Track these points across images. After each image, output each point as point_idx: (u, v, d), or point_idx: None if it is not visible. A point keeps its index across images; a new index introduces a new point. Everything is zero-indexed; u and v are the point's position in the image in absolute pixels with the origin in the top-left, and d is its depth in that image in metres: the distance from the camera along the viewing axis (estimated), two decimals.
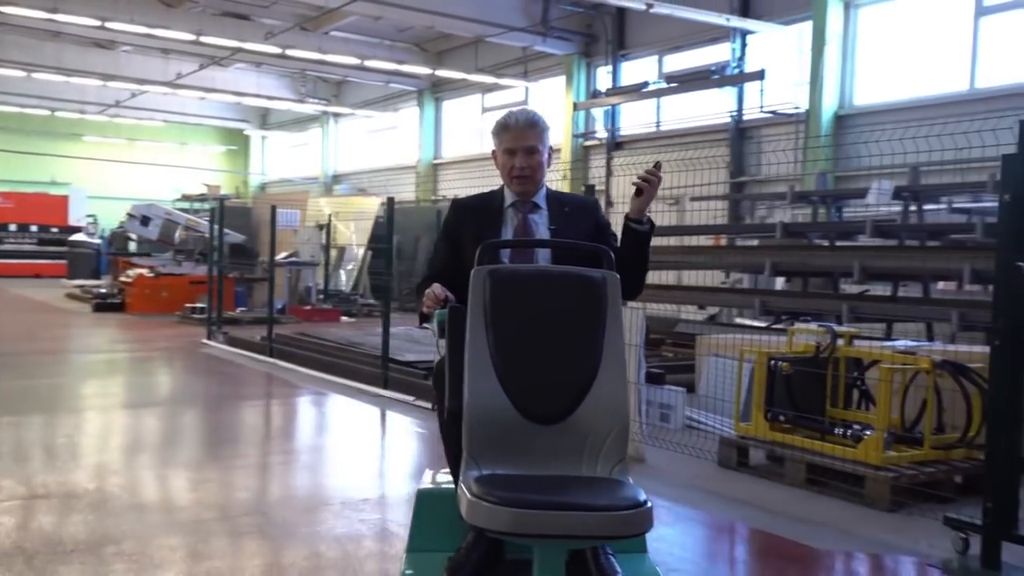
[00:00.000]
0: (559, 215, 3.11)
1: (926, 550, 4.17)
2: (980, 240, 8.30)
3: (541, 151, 3.09)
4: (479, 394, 2.60)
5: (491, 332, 2.66)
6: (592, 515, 2.27)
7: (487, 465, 2.55)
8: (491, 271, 2.75)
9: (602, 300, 2.71)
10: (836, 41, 14.65)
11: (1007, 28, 12.78)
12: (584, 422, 2.60)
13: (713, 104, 16.64)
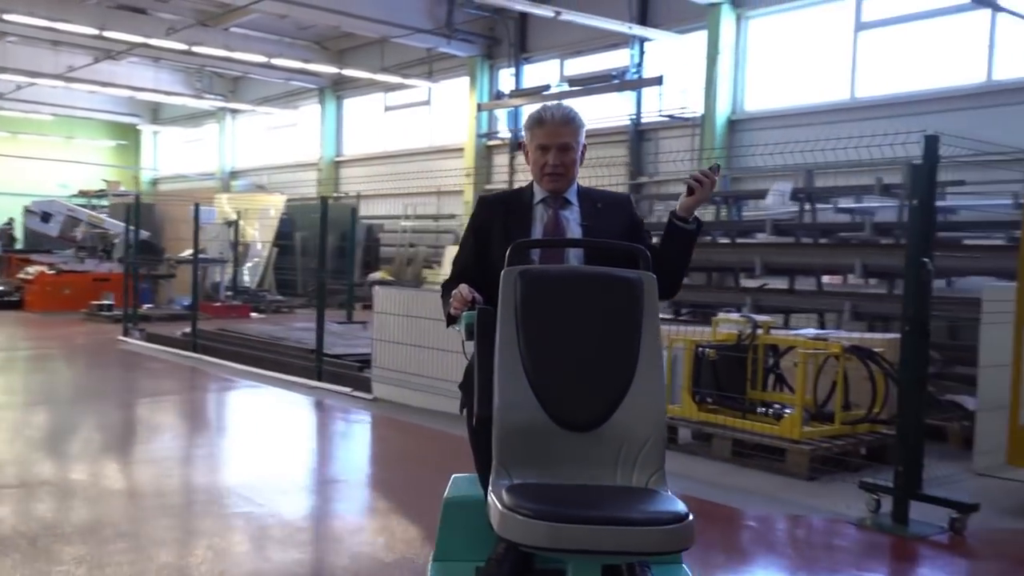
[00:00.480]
0: (591, 211, 2.98)
1: (844, 511, 4.76)
2: (869, 237, 9.10)
3: (575, 148, 2.95)
4: (510, 400, 2.51)
5: (522, 335, 2.56)
6: (632, 530, 2.18)
7: (518, 474, 2.46)
8: (522, 271, 2.64)
9: (639, 302, 2.61)
10: (729, 50, 15.52)
11: (883, 42, 13.85)
12: (619, 429, 2.51)
13: (613, 107, 17.33)
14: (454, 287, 2.85)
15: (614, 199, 3.12)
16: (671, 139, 16.45)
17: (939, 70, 13.04)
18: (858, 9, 14.11)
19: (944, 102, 12.77)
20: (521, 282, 2.61)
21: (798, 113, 14.57)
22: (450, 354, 7.03)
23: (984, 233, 9.58)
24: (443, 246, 20.19)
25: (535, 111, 3.01)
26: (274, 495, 4.91)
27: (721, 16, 15.40)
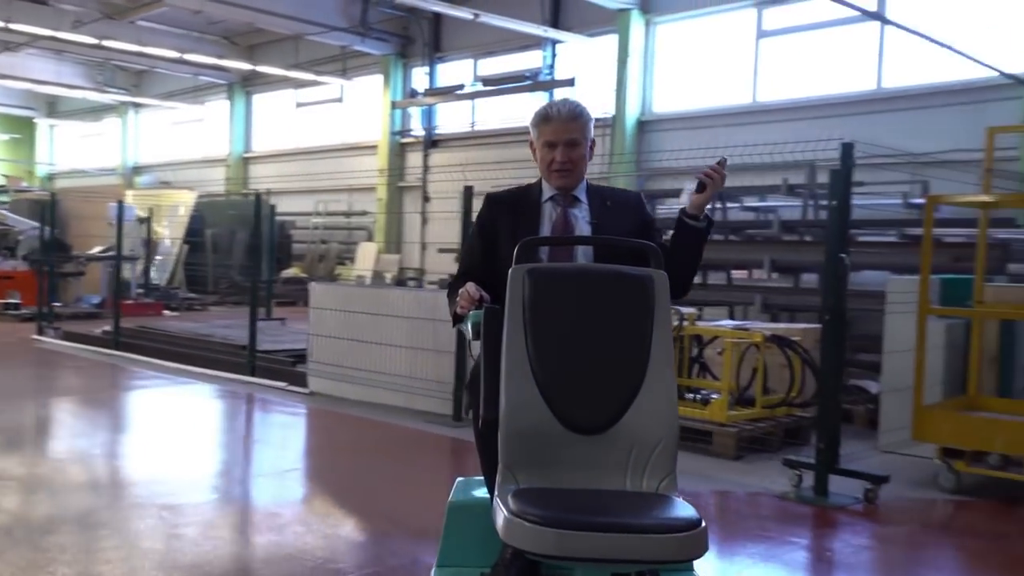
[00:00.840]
0: (601, 209, 2.93)
1: (769, 486, 5.20)
2: (775, 234, 9.69)
3: (583, 143, 2.91)
4: (517, 402, 2.44)
5: (530, 335, 2.50)
6: (644, 538, 2.11)
7: (525, 478, 2.42)
8: (530, 270, 2.58)
9: (650, 300, 2.54)
10: (638, 54, 16.07)
11: (783, 50, 14.61)
12: (630, 432, 2.46)
13: (526, 106, 17.72)
14: (460, 286, 2.78)
15: (624, 197, 3.06)
16: None
17: (834, 77, 13.85)
18: (759, 18, 14.84)
19: (838, 107, 13.56)
20: (529, 281, 2.55)
21: (704, 116, 15.23)
22: (388, 347, 7.28)
23: (878, 231, 10.28)
24: (355, 243, 20.25)
25: (541, 107, 2.94)
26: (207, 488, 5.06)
27: (631, 21, 15.93)
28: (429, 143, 19.52)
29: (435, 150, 19.45)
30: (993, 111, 11.71)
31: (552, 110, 2.90)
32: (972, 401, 5.63)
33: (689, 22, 15.79)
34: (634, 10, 15.92)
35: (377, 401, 7.31)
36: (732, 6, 15.01)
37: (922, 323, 5.30)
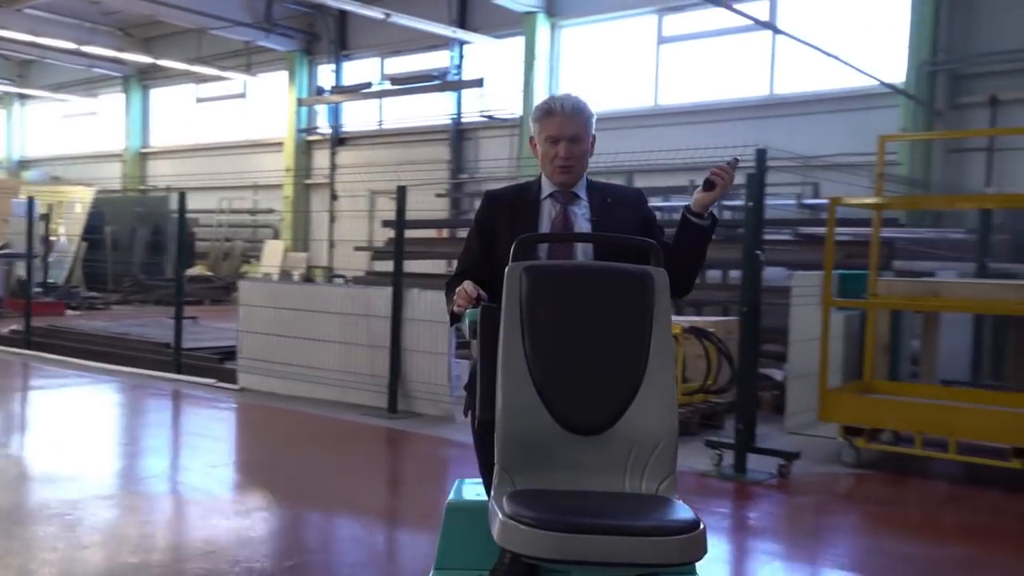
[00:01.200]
0: (601, 206, 2.90)
1: (692, 465, 5.63)
2: None
3: (585, 140, 2.89)
4: (514, 402, 2.41)
5: (527, 334, 2.46)
6: (641, 540, 2.08)
7: (521, 480, 2.38)
8: (527, 267, 2.54)
9: (650, 298, 2.51)
10: (544, 56, 16.53)
11: (683, 55, 15.29)
12: (629, 433, 2.42)
13: (433, 106, 17.95)
14: (458, 284, 2.75)
15: (624, 194, 3.04)
16: (491, 139, 17.31)
17: (731, 83, 14.59)
18: (660, 24, 15.48)
19: (735, 112, 14.29)
20: (526, 278, 2.51)
21: (608, 117, 15.64)
22: (321, 343, 7.46)
23: (773, 230, 10.94)
24: (261, 241, 20.10)
25: (544, 102, 2.93)
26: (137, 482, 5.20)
27: (537, 24, 16.37)
28: (336, 141, 19.54)
29: (342, 148, 19.50)
30: (875, 118, 12.60)
31: (556, 105, 2.87)
32: (868, 385, 6.22)
33: (593, 26, 16.33)
34: (540, 13, 16.35)
35: (310, 396, 7.48)
36: (634, 12, 15.60)
37: (826, 315, 5.86)
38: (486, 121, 17.20)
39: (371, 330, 7.25)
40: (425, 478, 5.63)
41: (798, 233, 10.52)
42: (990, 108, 12.15)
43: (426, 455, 6.17)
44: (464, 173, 17.69)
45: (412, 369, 7.05)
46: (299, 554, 4.00)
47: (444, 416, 6.81)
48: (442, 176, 17.54)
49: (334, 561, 3.97)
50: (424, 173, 16.61)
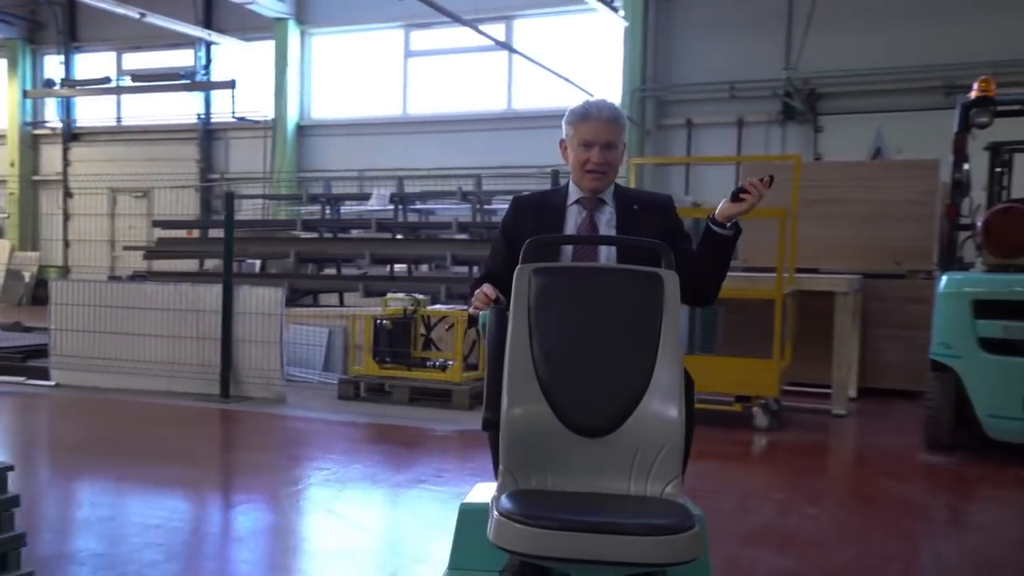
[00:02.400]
0: (626, 214, 2.92)
1: None
2: (454, 234, 11.58)
3: (619, 147, 2.89)
4: (519, 403, 2.42)
5: (535, 335, 2.48)
6: (629, 539, 2.09)
7: (525, 481, 2.39)
8: (536, 269, 2.57)
9: (659, 301, 2.52)
10: (296, 62, 17.19)
11: (429, 68, 16.62)
12: (635, 435, 2.42)
13: (180, 104, 17.93)
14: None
15: (652, 201, 3.03)
16: (243, 140, 17.66)
17: (473, 96, 16.14)
18: (407, 38, 16.72)
19: (477, 123, 15.86)
20: (535, 280, 2.54)
21: (360, 124, 16.80)
22: (145, 337, 7.98)
23: None
24: None
25: (580, 105, 2.91)
26: None
27: (288, 30, 16.99)
28: (69, 137, 18.82)
29: (76, 144, 18.83)
30: None
31: (592, 109, 2.86)
32: None
33: (343, 35, 17.22)
34: (290, 20, 16.98)
35: (136, 387, 7.93)
36: (382, 25, 16.68)
37: None
38: (237, 122, 17.51)
39: (200, 323, 7.88)
40: (263, 446, 6.42)
41: None
42: (687, 129, 14.66)
43: (262, 428, 6.93)
44: (215, 173, 17.87)
45: (244, 358, 7.79)
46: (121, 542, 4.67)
47: (276, 398, 7.65)
48: (191, 175, 17.60)
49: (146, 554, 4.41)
50: (171, 172, 16.66)
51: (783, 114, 13.86)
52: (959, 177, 6.72)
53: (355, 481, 5.29)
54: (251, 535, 4.34)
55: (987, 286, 5.98)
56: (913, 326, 7.97)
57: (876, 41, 12.86)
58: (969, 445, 6.00)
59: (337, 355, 8.99)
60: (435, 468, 5.64)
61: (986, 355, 5.82)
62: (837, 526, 4.53)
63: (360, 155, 16.59)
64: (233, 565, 3.91)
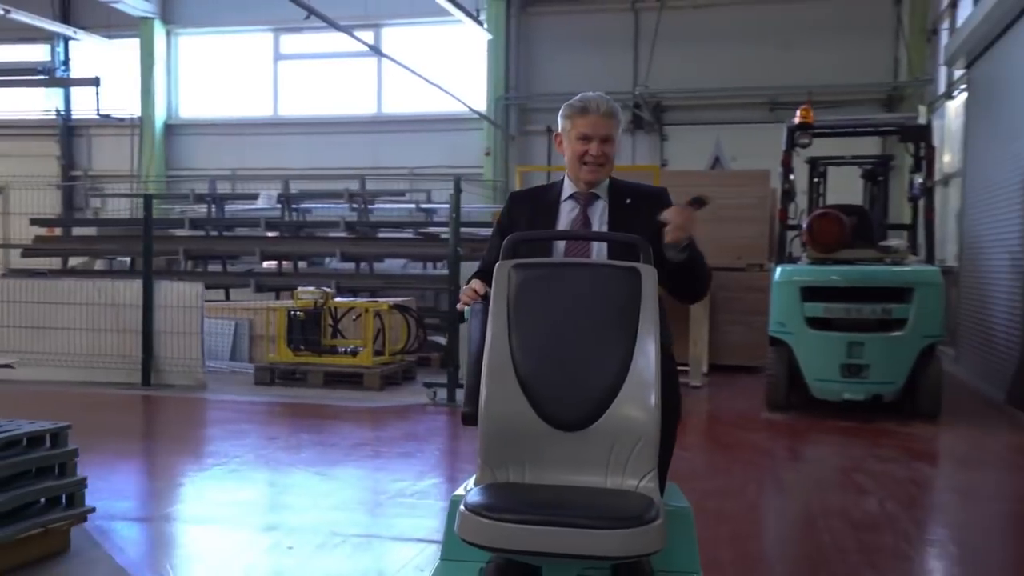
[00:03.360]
0: (618, 207, 2.96)
1: (414, 401, 7.91)
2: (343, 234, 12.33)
3: (615, 142, 2.95)
4: (497, 397, 2.46)
5: (514, 330, 2.52)
6: (587, 532, 2.12)
7: (503, 474, 2.43)
8: (516, 265, 2.62)
9: (636, 296, 2.54)
10: (162, 60, 17.34)
11: (300, 71, 17.18)
12: (611, 429, 2.44)
13: (31, 100, 17.66)
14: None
15: (646, 193, 3.04)
16: (108, 137, 17.64)
17: (344, 100, 16.83)
18: (276, 42, 17.22)
19: (348, 126, 16.57)
20: (515, 276, 2.59)
21: (230, 124, 17.15)
22: (65, 331, 8.46)
23: (397, 229, 13.44)
24: None
25: (577, 100, 2.95)
26: None
27: (154, 29, 17.13)
28: None
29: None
30: (466, 137, 15.79)
31: (591, 104, 2.91)
32: None
33: (211, 37, 17.50)
34: (156, 19, 17.13)
35: (54, 379, 8.36)
36: (251, 28, 17.11)
37: None
38: (101, 120, 17.45)
39: (120, 317, 8.41)
40: (184, 424, 7.10)
41: (418, 232, 13.09)
42: (547, 135, 15.94)
43: (182, 409, 7.60)
44: (77, 171, 17.76)
45: (164, 348, 8.38)
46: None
47: (198, 384, 8.30)
48: (51, 173, 17.43)
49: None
50: (27, 169, 16.50)
51: (633, 124, 15.31)
52: (787, 187, 8.19)
53: (280, 447, 6.13)
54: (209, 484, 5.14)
55: (811, 275, 7.42)
56: (752, 311, 9.44)
57: (712, 61, 14.53)
58: (800, 404, 7.44)
59: (243, 345, 9.66)
60: (353, 437, 6.56)
61: (811, 331, 7.26)
62: (707, 464, 5.77)
63: (231, 155, 16.96)
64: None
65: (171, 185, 16.98)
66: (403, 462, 5.77)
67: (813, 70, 14.11)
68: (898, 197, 10.68)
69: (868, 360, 7.10)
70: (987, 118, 9.69)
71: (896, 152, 9.68)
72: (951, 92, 12.20)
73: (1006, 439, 6.72)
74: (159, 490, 5.04)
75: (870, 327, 7.13)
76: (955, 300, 10.38)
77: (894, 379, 7.10)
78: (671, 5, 14.94)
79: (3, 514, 3.60)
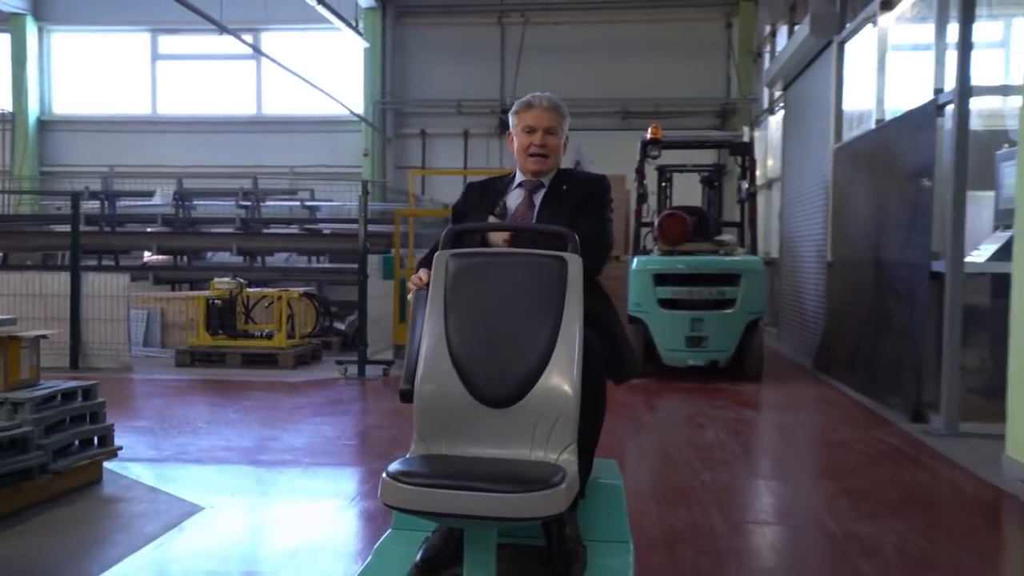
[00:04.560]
0: (555, 192, 3.15)
1: (326, 376, 9.05)
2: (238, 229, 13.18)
3: (559, 135, 3.14)
4: (432, 377, 2.64)
5: (449, 315, 2.70)
6: (491, 496, 2.27)
7: (437, 448, 2.61)
8: (453, 255, 2.81)
9: (560, 284, 2.71)
10: (34, 57, 17.52)
11: (180, 71, 17.72)
12: (535, 406, 2.60)
13: None
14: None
15: (582, 180, 3.24)
16: None
17: (224, 100, 17.53)
18: (154, 42, 17.72)
19: (229, 125, 17.33)
20: (451, 264, 2.78)
21: (108, 120, 17.54)
22: None
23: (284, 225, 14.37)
24: None
25: (524, 98, 3.19)
26: None
27: (26, 25, 17.30)
28: None
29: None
30: (345, 139, 16.83)
31: (535, 99, 3.15)
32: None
33: (86, 35, 17.80)
34: (28, 15, 17.32)
35: None
36: (127, 28, 17.56)
37: (396, 281, 9.72)
38: None
39: (47, 307, 9.14)
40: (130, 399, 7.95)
41: (304, 228, 14.07)
42: (422, 138, 17.20)
43: (120, 387, 8.33)
44: None
45: (91, 334, 9.17)
46: None
47: (124, 367, 9.15)
48: None
49: None
50: None
51: (500, 128, 16.75)
52: (641, 191, 9.81)
53: (230, 412, 7.22)
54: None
55: (661, 265, 9.03)
56: (613, 296, 10.96)
57: (572, 74, 16.12)
58: (654, 371, 9.03)
59: (155, 332, 10.51)
60: (288, 403, 7.70)
61: (662, 310, 8.86)
62: None
63: (108, 152, 17.35)
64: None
65: (44, 182, 17.20)
66: (339, 418, 6.98)
67: (659, 84, 15.99)
68: (730, 199, 12.56)
69: (707, 333, 8.77)
70: (797, 133, 11.68)
71: (728, 161, 11.48)
72: (772, 108, 14.27)
73: (812, 392, 8.52)
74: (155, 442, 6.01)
75: (708, 306, 8.81)
76: (776, 287, 12.36)
77: (727, 347, 8.82)
78: (534, 21, 16.53)
79: (55, 451, 4.63)
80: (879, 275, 7.87)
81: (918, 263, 6.82)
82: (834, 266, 9.53)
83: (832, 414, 7.36)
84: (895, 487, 5.03)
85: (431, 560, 2.69)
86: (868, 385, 7.81)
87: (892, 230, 7.59)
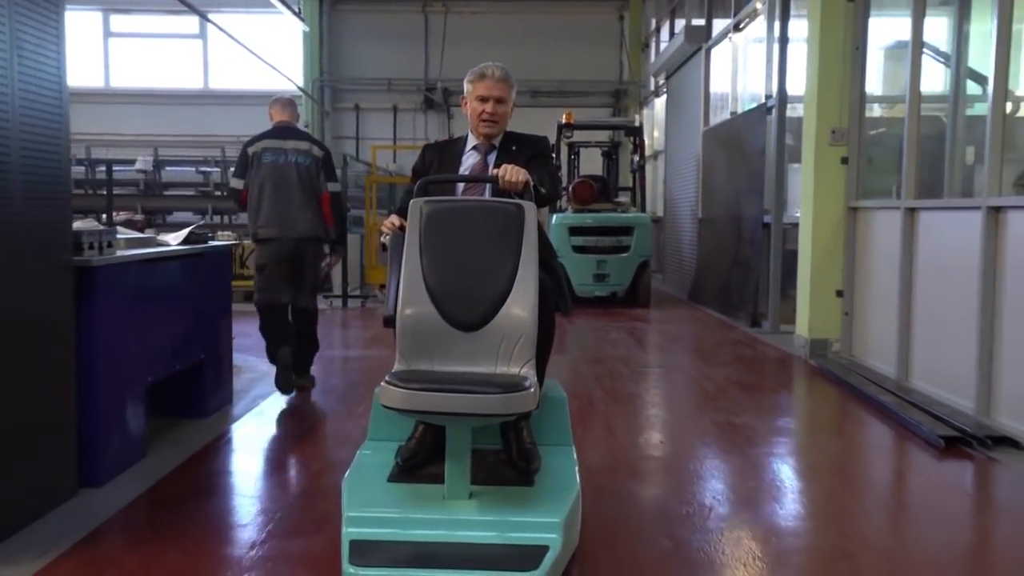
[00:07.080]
0: (506, 153, 3.53)
1: None
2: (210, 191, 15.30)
3: (508, 103, 3.52)
4: (411, 305, 3.03)
5: (424, 254, 3.10)
6: (470, 397, 2.67)
7: (416, 366, 3.01)
8: (427, 202, 3.21)
9: (519, 227, 3.11)
10: None
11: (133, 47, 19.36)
12: (499, 329, 3.00)
13: None
14: None
15: (528, 141, 3.64)
16: None
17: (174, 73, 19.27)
18: (106, 21, 19.31)
19: (180, 98, 18.99)
20: (425, 210, 3.19)
21: None
22: None
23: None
24: None
25: (478, 67, 3.54)
26: None
27: None
28: None
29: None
30: None
31: (488, 71, 3.51)
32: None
33: None
34: None
35: None
36: (79, 7, 19.07)
37: (368, 234, 12.19)
38: None
39: None
40: None
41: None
42: (356, 112, 19.46)
43: None
44: None
45: None
46: None
47: None
48: None
49: None
50: None
51: (425, 104, 19.19)
52: (556, 164, 12.58)
53: None
54: None
55: (574, 220, 11.80)
56: None
57: (489, 57, 17.88)
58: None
59: None
60: None
61: (575, 255, 11.63)
62: None
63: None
64: None
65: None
66: (333, 331, 9.54)
67: (563, 68, 18.70)
68: (625, 169, 15.40)
69: (609, 271, 11.65)
70: (676, 115, 14.67)
71: (624, 140, 14.34)
72: (658, 92, 17.22)
73: (685, 313, 11.50)
74: None
75: (609, 251, 11.66)
76: (662, 240, 15.38)
77: (623, 282, 11.72)
78: (454, 11, 18.96)
79: None
80: (733, 227, 10.84)
81: (756, 217, 9.78)
82: (703, 222, 12.52)
83: (698, 324, 10.36)
84: (732, 357, 8.00)
85: (409, 460, 3.16)
86: (725, 307, 10.83)
87: (741, 193, 10.55)
